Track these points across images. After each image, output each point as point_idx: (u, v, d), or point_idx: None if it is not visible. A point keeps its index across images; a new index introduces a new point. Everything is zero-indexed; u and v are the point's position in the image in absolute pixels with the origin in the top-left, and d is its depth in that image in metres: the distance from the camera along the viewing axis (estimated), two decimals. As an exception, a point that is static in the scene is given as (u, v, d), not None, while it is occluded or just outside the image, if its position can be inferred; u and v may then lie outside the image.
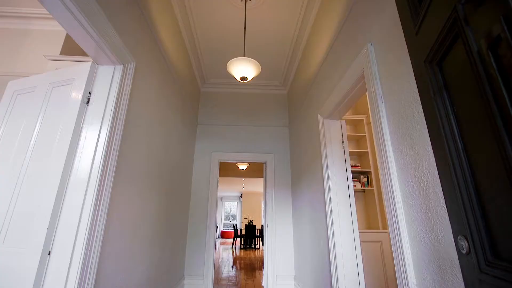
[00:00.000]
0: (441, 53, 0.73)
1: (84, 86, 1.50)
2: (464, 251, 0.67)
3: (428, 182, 1.03)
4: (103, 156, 1.40)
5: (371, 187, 3.60)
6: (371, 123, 1.41)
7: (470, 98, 0.64)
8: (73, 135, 1.41)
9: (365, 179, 3.66)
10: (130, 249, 1.75)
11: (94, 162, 1.38)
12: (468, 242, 0.66)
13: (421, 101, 0.86)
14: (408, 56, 1.16)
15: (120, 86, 1.56)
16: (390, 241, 3.28)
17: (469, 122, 0.66)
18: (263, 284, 4.01)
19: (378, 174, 3.59)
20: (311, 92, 2.88)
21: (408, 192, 1.15)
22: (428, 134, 1.02)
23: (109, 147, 1.44)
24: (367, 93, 1.57)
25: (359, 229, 2.56)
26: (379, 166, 1.34)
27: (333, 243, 2.01)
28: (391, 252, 3.25)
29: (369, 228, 3.61)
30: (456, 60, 0.68)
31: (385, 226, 3.37)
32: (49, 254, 1.23)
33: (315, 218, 2.56)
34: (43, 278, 1.19)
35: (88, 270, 1.26)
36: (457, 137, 0.70)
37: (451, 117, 0.72)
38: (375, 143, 1.38)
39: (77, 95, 1.49)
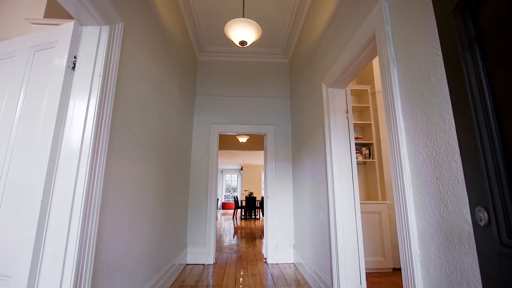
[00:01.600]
0: (478, -3, 0.62)
1: (68, 49, 1.37)
2: (482, 223, 0.62)
3: (441, 151, 0.96)
4: (94, 125, 1.31)
5: (372, 159, 3.57)
6: (381, 88, 1.31)
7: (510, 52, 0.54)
8: (61, 103, 1.31)
9: (367, 151, 3.62)
10: (131, 220, 1.74)
11: (85, 132, 1.31)
12: (488, 213, 0.61)
13: (443, 59, 0.75)
14: (428, 9, 1.03)
15: (108, 49, 1.42)
16: (388, 212, 3.32)
17: (506, 81, 0.56)
18: (263, 252, 4.16)
19: (380, 146, 3.54)
20: (315, 59, 2.71)
21: (418, 162, 1.09)
22: (446, 99, 0.93)
23: (100, 116, 1.35)
24: (377, 56, 1.44)
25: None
26: (388, 135, 1.26)
27: (333, 214, 2.01)
28: (389, 222, 3.31)
29: (368, 199, 3.64)
30: (497, 5, 0.57)
31: (384, 198, 3.40)
32: (45, 225, 1.20)
33: (315, 189, 2.55)
34: (41, 251, 1.18)
35: (87, 242, 1.24)
36: (488, 99, 0.61)
37: (482, 75, 0.62)
38: (384, 110, 1.29)
39: (61, 60, 1.36)
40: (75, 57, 1.40)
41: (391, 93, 1.24)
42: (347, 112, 2.17)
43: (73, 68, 1.38)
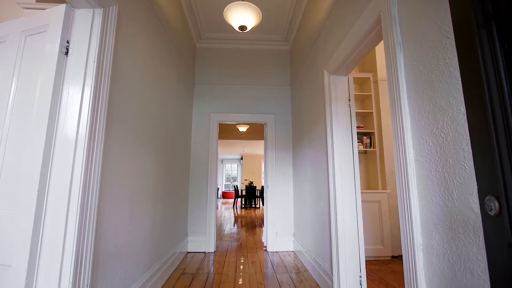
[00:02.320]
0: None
1: (60, 33, 1.31)
2: (492, 213, 0.60)
3: (448, 139, 0.93)
4: (89, 113, 1.28)
5: (373, 148, 3.55)
6: (386, 75, 1.26)
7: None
8: (54, 90, 1.27)
9: (368, 140, 3.59)
10: (131, 208, 1.73)
11: (81, 120, 1.27)
12: (499, 203, 0.58)
13: (455, 40, 0.71)
14: (440, -10, 0.97)
15: (102, 34, 1.37)
16: (388, 201, 3.33)
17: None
18: (263, 240, 4.21)
19: (381, 135, 3.50)
20: (317, 45, 2.64)
21: (423, 150, 1.06)
22: (455, 84, 0.89)
23: (95, 103, 1.31)
24: (382, 41, 1.39)
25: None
26: (392, 122, 1.22)
27: (334, 203, 2.00)
28: (389, 211, 3.32)
29: (368, 188, 3.64)
30: (519, -23, 0.52)
31: (384, 187, 3.40)
32: (43, 215, 1.19)
33: (316, 178, 2.53)
34: (40, 240, 1.16)
35: (86, 231, 1.23)
36: (504, 82, 0.57)
37: (499, 57, 0.58)
38: (389, 98, 1.25)
39: (54, 45, 1.31)
40: (67, 42, 1.34)
41: (397, 79, 1.20)
42: (349, 100, 2.12)
43: (66, 53, 1.33)
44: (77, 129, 1.26)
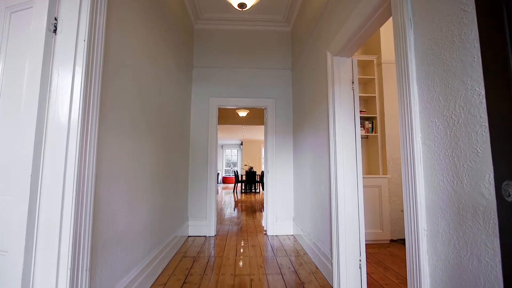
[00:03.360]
0: None
1: (47, 9, 1.22)
2: (510, 199, 0.56)
3: (460, 121, 0.88)
4: (82, 95, 1.21)
5: (375, 133, 3.50)
6: (394, 55, 1.20)
7: None
8: (43, 71, 1.20)
9: (370, 125, 3.54)
10: (129, 193, 1.71)
11: (73, 102, 1.21)
12: (519, 188, 0.54)
13: (476, 10, 0.64)
14: (459, -43, 0.89)
15: (92, 10, 1.28)
16: (389, 186, 3.32)
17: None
18: (263, 224, 4.25)
19: (384, 120, 3.44)
20: (319, 26, 2.52)
21: (431, 133, 1.01)
22: (470, 62, 0.82)
23: (87, 84, 1.24)
24: (391, 18, 1.30)
25: (361, 174, 2.53)
26: (399, 105, 1.17)
27: (335, 188, 1.98)
28: (389, 196, 3.32)
29: (369, 173, 3.63)
30: None
31: (385, 172, 3.38)
32: (38, 200, 1.16)
33: (317, 163, 2.50)
34: (35, 225, 1.14)
35: (83, 215, 1.21)
36: (533, 54, 0.51)
37: (529, 26, 0.52)
38: (396, 79, 1.19)
39: (41, 22, 1.22)
40: (55, 19, 1.26)
41: (406, 58, 1.13)
42: (352, 82, 2.05)
43: (55, 31, 1.25)
44: (69, 112, 1.20)
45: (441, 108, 0.96)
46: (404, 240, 3.29)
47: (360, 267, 1.90)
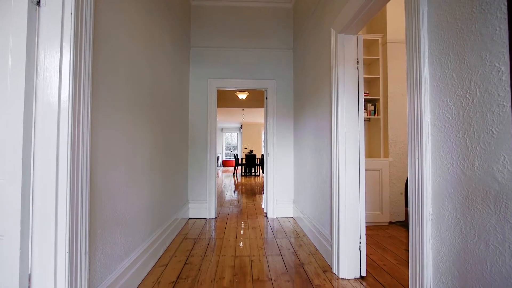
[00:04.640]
0: None
1: (28, -22, 1.13)
2: (531, 183, 0.51)
3: (474, 100, 0.82)
4: (71, 73, 1.14)
5: (377, 115, 3.43)
6: (405, 29, 1.11)
7: None
8: (28, 47, 1.12)
9: (372, 108, 3.46)
10: (127, 175, 1.68)
11: (62, 80, 1.14)
12: (543, 171, 0.50)
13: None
14: None
15: (77, -21, 1.18)
16: (390, 169, 3.31)
17: None
18: (263, 207, 4.29)
19: (387, 102, 3.36)
20: (323, 1, 2.38)
21: (442, 113, 0.95)
22: (491, 34, 0.75)
23: (76, 61, 1.17)
24: (402, -12, 1.20)
25: (362, 157, 2.50)
26: (407, 83, 1.10)
27: (336, 171, 1.94)
28: (389, 179, 3.31)
29: (370, 156, 3.60)
30: None
31: (386, 155, 3.35)
32: (31, 183, 1.12)
33: (318, 145, 2.46)
34: (30, 209, 1.11)
35: (79, 198, 1.18)
36: None
37: None
38: (406, 56, 1.11)
39: (23, -7, 1.13)
40: (38, -11, 1.16)
41: (417, 33, 1.05)
42: (357, 62, 1.95)
43: (38, 3, 1.16)
44: (58, 91, 1.13)
45: (454, 87, 0.90)
46: (402, 222, 3.32)
47: (359, 249, 1.91)
